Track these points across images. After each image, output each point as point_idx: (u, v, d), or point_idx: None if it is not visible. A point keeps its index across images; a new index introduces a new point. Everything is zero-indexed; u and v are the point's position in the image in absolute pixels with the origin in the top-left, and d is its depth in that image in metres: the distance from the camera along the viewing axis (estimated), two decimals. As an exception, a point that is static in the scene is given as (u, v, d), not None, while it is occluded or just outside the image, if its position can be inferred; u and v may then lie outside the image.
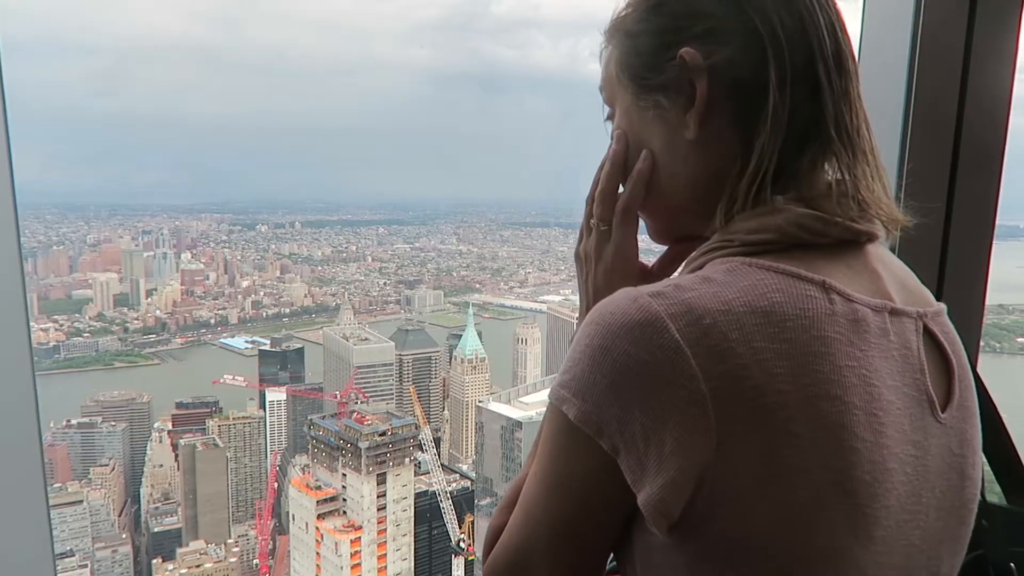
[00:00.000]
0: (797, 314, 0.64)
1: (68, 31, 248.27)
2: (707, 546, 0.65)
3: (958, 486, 0.73)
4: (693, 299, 0.64)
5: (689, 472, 0.62)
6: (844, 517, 0.64)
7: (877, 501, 0.65)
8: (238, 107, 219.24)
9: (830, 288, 0.67)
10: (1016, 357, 8.91)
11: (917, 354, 0.71)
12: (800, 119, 0.72)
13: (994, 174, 1.38)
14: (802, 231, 0.70)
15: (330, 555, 34.03)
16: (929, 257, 1.39)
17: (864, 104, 0.76)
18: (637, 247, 0.87)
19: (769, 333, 0.63)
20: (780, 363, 0.62)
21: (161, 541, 36.91)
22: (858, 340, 0.66)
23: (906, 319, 0.71)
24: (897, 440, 0.67)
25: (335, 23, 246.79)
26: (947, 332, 0.76)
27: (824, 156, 0.73)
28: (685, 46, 0.74)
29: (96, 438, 40.15)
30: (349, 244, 59.90)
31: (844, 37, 0.75)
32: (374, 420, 35.24)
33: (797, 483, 0.62)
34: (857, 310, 0.67)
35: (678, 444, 0.62)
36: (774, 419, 0.62)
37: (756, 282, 0.66)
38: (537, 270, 56.05)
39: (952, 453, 0.73)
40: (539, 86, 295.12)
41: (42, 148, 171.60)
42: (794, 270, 0.67)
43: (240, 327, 51.27)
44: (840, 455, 0.63)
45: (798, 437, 0.62)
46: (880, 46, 1.40)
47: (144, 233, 54.90)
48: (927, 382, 0.71)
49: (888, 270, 0.75)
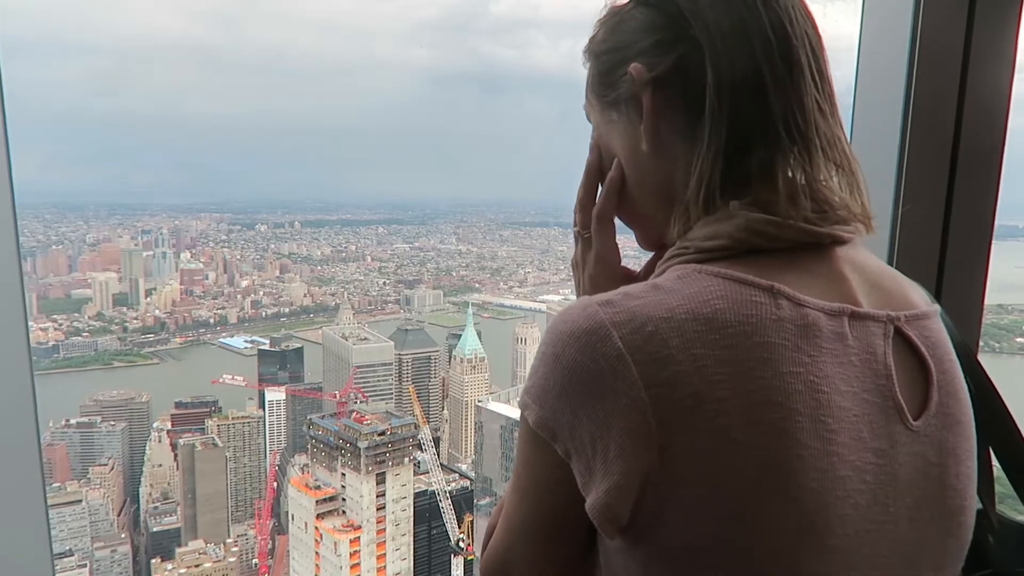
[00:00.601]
0: (740, 320, 0.64)
1: (68, 30, 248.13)
2: (658, 550, 0.66)
3: (937, 496, 0.71)
4: (638, 307, 0.65)
5: (633, 477, 0.63)
6: (791, 524, 0.63)
7: (828, 509, 0.63)
8: (238, 107, 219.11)
9: (779, 293, 0.66)
10: (1016, 357, 8.91)
11: (883, 359, 0.69)
12: (744, 121, 0.71)
13: (993, 174, 1.39)
14: (754, 236, 0.69)
15: (329, 555, 34.02)
16: (928, 257, 1.39)
17: (826, 100, 0.73)
18: (617, 253, 0.90)
19: (710, 340, 0.63)
20: (721, 369, 0.63)
21: (160, 541, 36.90)
22: (807, 346, 0.65)
23: (872, 323, 0.70)
24: (852, 448, 0.65)
25: (335, 23, 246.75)
26: (928, 336, 0.73)
27: (775, 157, 0.72)
28: (635, 61, 0.76)
29: (95, 438, 40.11)
30: (348, 244, 59.86)
31: (798, 32, 0.72)
32: (373, 420, 35.23)
33: (740, 490, 0.62)
34: (808, 315, 0.66)
35: (622, 449, 0.64)
36: (714, 426, 0.62)
37: (702, 289, 0.66)
38: (536, 270, 56.06)
39: (928, 462, 0.70)
40: (539, 86, 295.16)
41: (41, 148, 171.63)
42: (741, 276, 0.67)
43: (239, 327, 51.26)
44: (783, 462, 0.62)
45: (738, 444, 0.62)
46: (879, 46, 1.40)
47: (143, 233, 54.86)
48: (894, 388, 0.68)
49: (859, 273, 0.73)
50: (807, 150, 0.72)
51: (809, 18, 0.75)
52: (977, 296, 1.43)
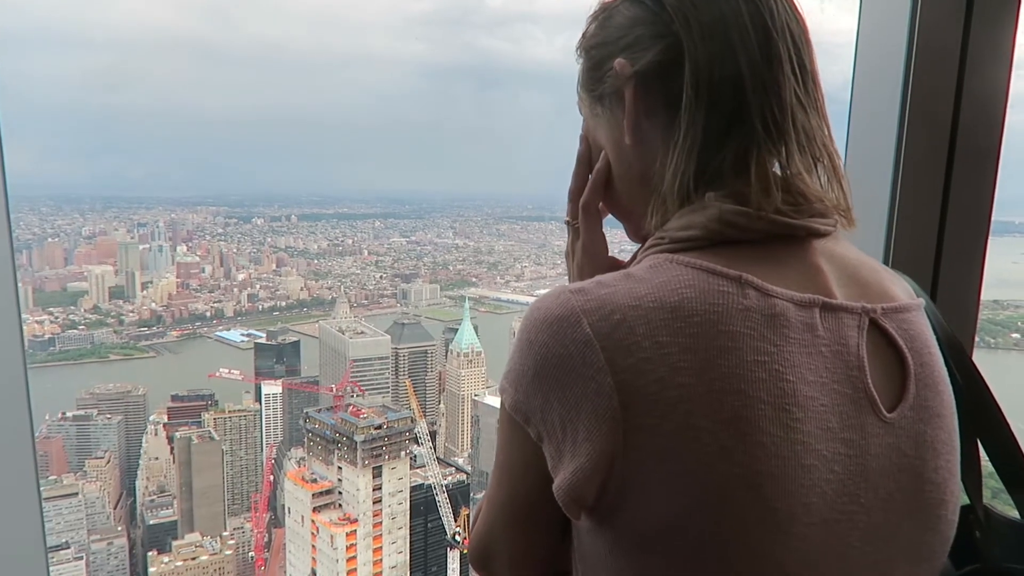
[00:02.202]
0: (706, 309, 0.65)
1: (63, 24, 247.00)
2: (622, 533, 0.68)
3: (914, 489, 0.71)
4: (607, 295, 0.67)
5: (598, 460, 0.66)
6: (753, 512, 0.63)
7: (792, 497, 0.64)
8: (234, 100, 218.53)
9: (746, 283, 0.67)
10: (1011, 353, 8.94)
11: (856, 351, 0.69)
12: (721, 114, 0.72)
13: (990, 172, 1.39)
14: (726, 227, 0.70)
15: (326, 548, 34.03)
16: (925, 253, 1.39)
17: (807, 94, 0.74)
18: (603, 243, 0.92)
19: (676, 328, 0.65)
20: (684, 357, 0.64)
21: (156, 534, 36.86)
22: (773, 335, 0.66)
23: (845, 315, 0.70)
24: (819, 437, 0.65)
25: (330, 16, 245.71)
26: (907, 329, 0.73)
27: (751, 150, 0.72)
28: (620, 56, 0.78)
29: (91, 431, 40.02)
30: (345, 238, 59.68)
31: (779, 26, 0.72)
32: (370, 413, 35.20)
33: (701, 476, 0.63)
34: (776, 305, 0.67)
35: (589, 433, 0.66)
36: (676, 412, 0.63)
37: (671, 278, 0.68)
38: (533, 264, 55.99)
39: (903, 454, 0.70)
40: (534, 80, 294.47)
41: (37, 141, 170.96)
42: (710, 265, 0.68)
43: (236, 320, 51.15)
44: (743, 450, 0.63)
45: (700, 431, 0.63)
46: (877, 42, 1.40)
47: (139, 226, 54.63)
48: (866, 379, 0.69)
49: (837, 265, 0.73)
50: (783, 143, 0.73)
51: (794, 11, 0.75)
52: (973, 292, 1.44)
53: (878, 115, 1.38)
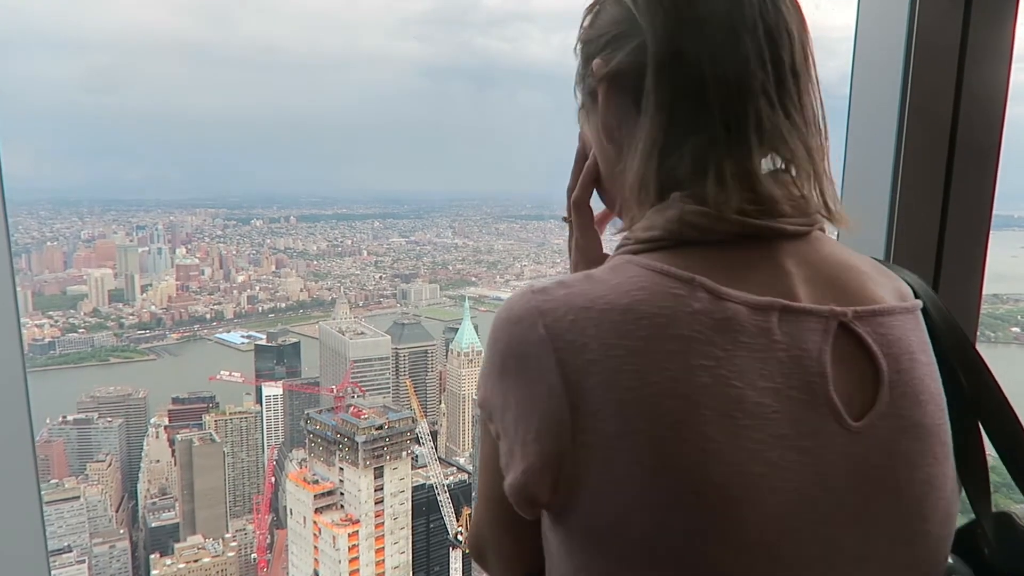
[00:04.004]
0: (655, 312, 0.64)
1: (60, 26, 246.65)
2: (573, 530, 0.68)
3: (885, 501, 0.67)
4: (564, 296, 0.67)
5: (548, 460, 0.66)
6: (696, 518, 0.62)
7: (740, 505, 0.62)
8: (233, 102, 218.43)
9: (699, 285, 0.65)
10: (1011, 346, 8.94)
11: (817, 356, 0.66)
12: (681, 114, 0.71)
13: (990, 169, 1.38)
14: (686, 227, 0.69)
15: (328, 549, 34.04)
16: (926, 250, 1.39)
17: (776, 90, 0.71)
18: (596, 240, 0.92)
19: (625, 330, 0.64)
20: (631, 360, 0.63)
21: (158, 536, 36.88)
22: (722, 339, 0.64)
23: (808, 319, 0.67)
24: (770, 444, 0.63)
25: (328, 17, 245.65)
26: (886, 333, 0.70)
27: (713, 150, 0.70)
28: (600, 55, 0.77)
29: (92, 434, 40.05)
30: (344, 238, 59.68)
31: (748, 20, 0.70)
32: (371, 414, 35.20)
33: (642, 479, 0.62)
34: (727, 308, 0.65)
35: (538, 433, 0.66)
36: (620, 415, 0.63)
37: (625, 280, 0.67)
38: (533, 263, 55.97)
39: (870, 464, 0.67)
40: (531, 79, 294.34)
41: (35, 144, 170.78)
42: (664, 267, 0.67)
43: (236, 322, 51.14)
44: (683, 455, 0.62)
45: (640, 434, 0.62)
46: (875, 39, 1.39)
47: (138, 228, 54.58)
48: (828, 386, 0.66)
49: (811, 267, 0.71)
50: (747, 143, 0.70)
51: (775, 4, 0.72)
52: (975, 288, 1.43)
53: (878, 111, 1.38)
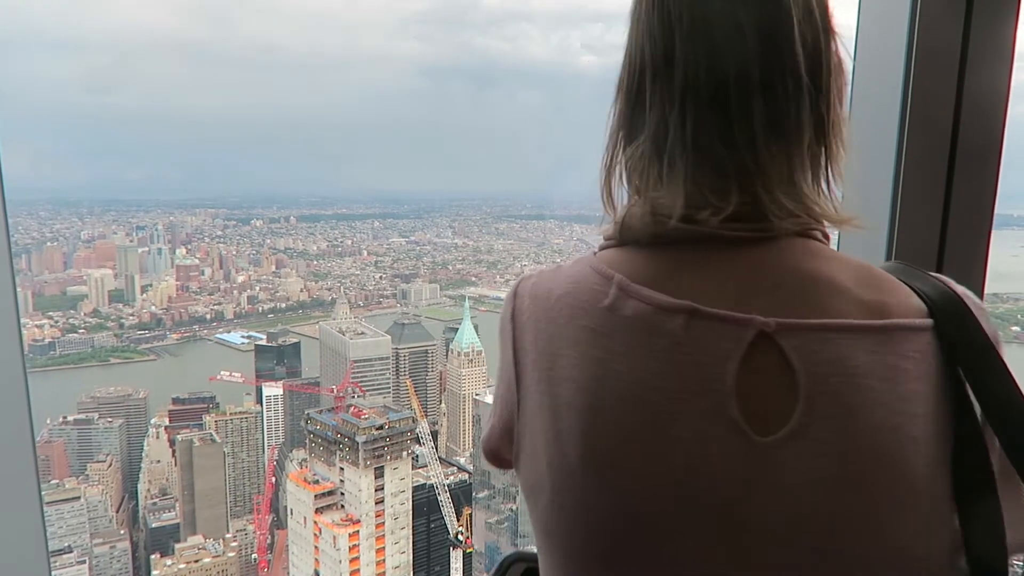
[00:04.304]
0: (573, 303, 0.71)
1: (60, 26, 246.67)
2: (522, 487, 0.77)
3: (816, 524, 0.64)
4: (536, 280, 0.77)
5: (506, 421, 0.77)
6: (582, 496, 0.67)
7: (620, 494, 0.66)
8: (232, 102, 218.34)
9: (616, 284, 0.70)
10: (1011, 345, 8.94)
11: (723, 363, 0.65)
12: (643, 118, 0.74)
13: (991, 169, 1.38)
14: (624, 230, 0.75)
15: (328, 549, 34.03)
16: (927, 251, 1.39)
17: (770, 93, 0.69)
18: None
19: (550, 316, 0.72)
20: (549, 345, 0.71)
21: (159, 536, 36.87)
22: (624, 336, 0.67)
23: (720, 325, 0.66)
24: (657, 442, 0.65)
25: (327, 17, 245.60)
26: (819, 350, 0.65)
27: (668, 156, 0.72)
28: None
29: (93, 434, 40.02)
30: (344, 238, 59.63)
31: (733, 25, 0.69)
32: (371, 414, 35.19)
33: (546, 450, 0.70)
34: (637, 307, 0.67)
35: (501, 397, 0.78)
36: (538, 391, 0.72)
37: (572, 273, 0.75)
38: (533, 262, 55.95)
39: (777, 483, 0.64)
40: (531, 79, 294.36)
41: (34, 144, 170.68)
42: (597, 264, 0.73)
43: (236, 322, 51.12)
44: (569, 440, 0.68)
45: (547, 410, 0.70)
46: (877, 40, 1.39)
47: (138, 229, 54.52)
48: (728, 395, 0.64)
49: (756, 274, 0.69)
50: (705, 150, 0.71)
51: (760, 3, 0.70)
52: (976, 288, 1.42)
53: (879, 111, 1.38)
